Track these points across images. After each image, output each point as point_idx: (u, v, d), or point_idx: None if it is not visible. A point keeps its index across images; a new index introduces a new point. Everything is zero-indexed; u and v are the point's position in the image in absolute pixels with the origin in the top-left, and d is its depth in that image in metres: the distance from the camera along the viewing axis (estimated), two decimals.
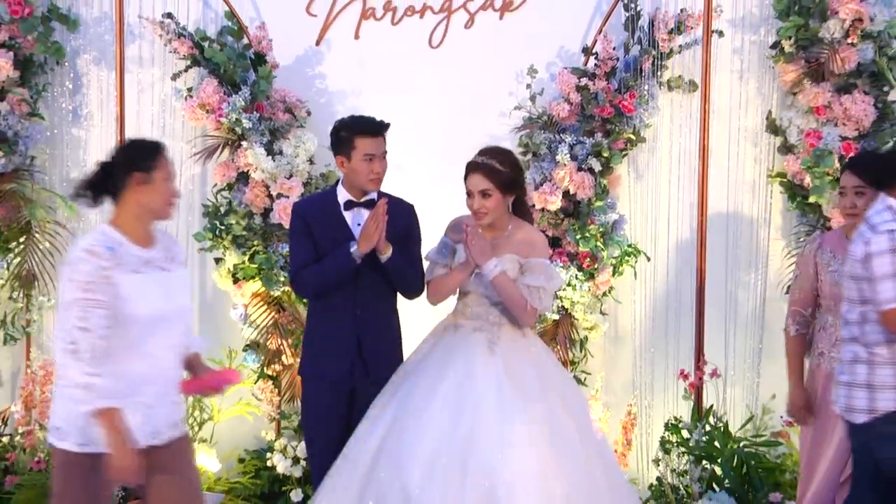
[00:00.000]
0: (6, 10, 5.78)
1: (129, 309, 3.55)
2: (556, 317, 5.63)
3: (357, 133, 4.44)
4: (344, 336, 4.48)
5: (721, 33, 5.72)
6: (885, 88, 5.55)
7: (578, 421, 4.34)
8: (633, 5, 5.73)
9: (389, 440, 4.19)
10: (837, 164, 5.45)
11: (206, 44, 5.82)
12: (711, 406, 5.54)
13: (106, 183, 3.65)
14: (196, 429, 5.72)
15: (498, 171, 4.29)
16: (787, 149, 5.66)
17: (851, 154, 5.43)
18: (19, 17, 5.80)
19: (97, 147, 6.09)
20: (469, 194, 4.34)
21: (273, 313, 5.77)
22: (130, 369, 3.57)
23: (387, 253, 4.41)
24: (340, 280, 4.42)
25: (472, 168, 4.33)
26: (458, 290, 4.45)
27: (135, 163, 3.63)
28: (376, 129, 4.46)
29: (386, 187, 4.60)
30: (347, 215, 4.51)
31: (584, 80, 5.72)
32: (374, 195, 4.51)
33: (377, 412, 4.32)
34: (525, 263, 4.37)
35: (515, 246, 4.36)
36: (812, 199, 5.51)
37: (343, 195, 4.52)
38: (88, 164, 6.07)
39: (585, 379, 5.70)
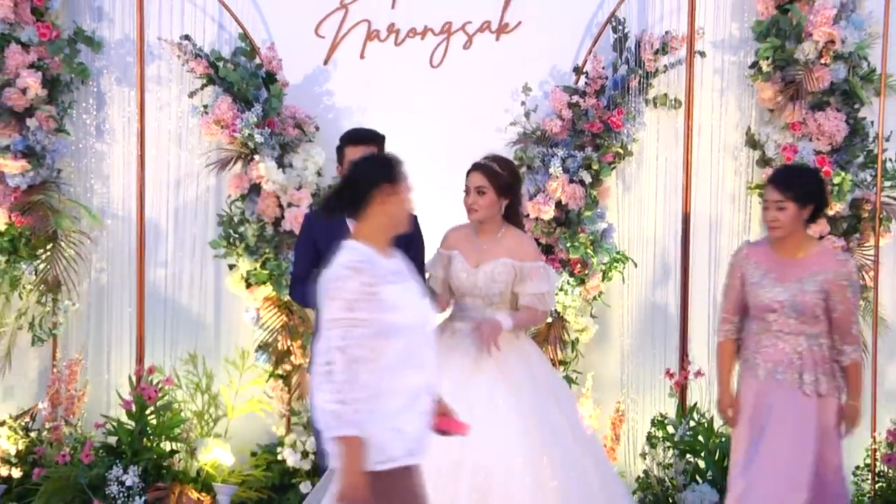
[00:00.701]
0: (35, 34, 5.88)
1: (395, 319, 3.35)
2: (549, 319, 5.64)
3: (346, 143, 4.72)
4: None
5: (703, 54, 5.87)
6: (856, 106, 5.75)
7: (570, 418, 4.48)
8: (620, 28, 5.88)
9: None
10: None
11: (220, 64, 5.93)
12: (695, 403, 5.66)
13: (352, 195, 3.47)
14: (211, 424, 5.88)
15: (496, 173, 4.48)
16: (765, 162, 5.82)
17: (825, 167, 5.60)
18: (47, 39, 5.89)
19: (119, 160, 6.18)
20: (466, 191, 4.53)
21: (283, 316, 5.87)
22: (408, 381, 3.39)
23: None
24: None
25: (473, 167, 4.55)
26: (457, 292, 4.58)
27: (384, 175, 3.47)
28: (360, 138, 4.70)
29: None
30: (350, 222, 4.63)
31: (576, 98, 5.85)
32: None
33: None
34: (521, 269, 4.49)
35: (506, 249, 4.51)
36: None
37: None
38: (111, 176, 6.20)
39: (577, 378, 5.81)
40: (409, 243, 4.60)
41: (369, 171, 3.49)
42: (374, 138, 4.72)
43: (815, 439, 4.34)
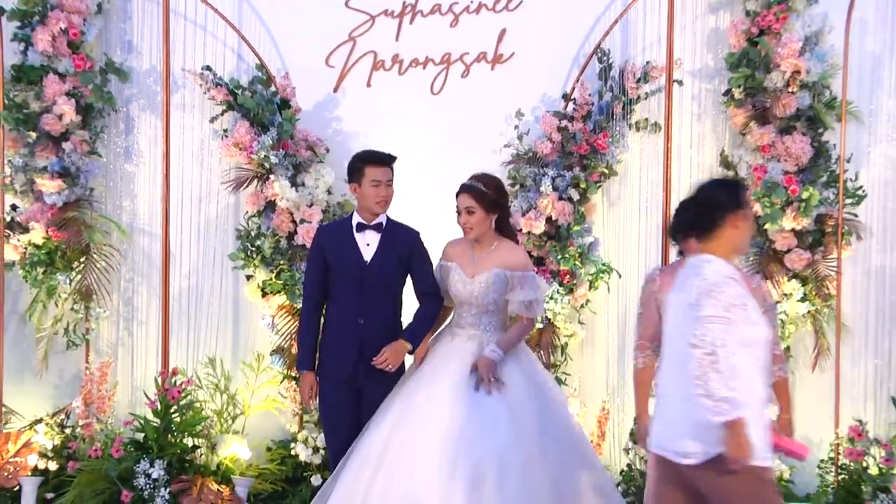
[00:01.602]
0: (71, 65, 6.14)
1: (755, 331, 3.44)
2: (541, 325, 5.91)
3: (367, 162, 4.86)
4: (348, 341, 4.78)
5: (681, 82, 6.11)
6: (820, 130, 5.99)
7: (559, 414, 4.70)
8: (605, 58, 6.13)
9: (394, 436, 4.49)
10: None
11: (239, 91, 6.17)
12: None
13: (705, 218, 3.50)
14: (230, 422, 6.05)
15: (482, 193, 4.65)
16: None
17: (792, 186, 5.80)
18: (81, 70, 6.13)
19: (146, 180, 6.42)
20: (458, 211, 4.72)
21: (296, 322, 5.95)
22: (757, 390, 3.48)
23: (409, 347, 4.81)
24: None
25: (461, 189, 4.73)
26: (456, 300, 4.79)
27: (736, 202, 3.49)
28: (382, 159, 4.87)
29: (393, 213, 4.99)
30: (358, 237, 4.87)
31: (564, 122, 6.09)
32: (382, 219, 4.89)
33: (384, 413, 4.60)
34: (512, 277, 4.68)
35: (499, 259, 4.71)
36: (767, 226, 5.87)
37: (356, 219, 4.91)
38: (139, 195, 6.42)
39: (566, 379, 5.99)
40: (409, 254, 4.89)
41: (722, 197, 3.53)
42: (391, 160, 4.91)
43: None
